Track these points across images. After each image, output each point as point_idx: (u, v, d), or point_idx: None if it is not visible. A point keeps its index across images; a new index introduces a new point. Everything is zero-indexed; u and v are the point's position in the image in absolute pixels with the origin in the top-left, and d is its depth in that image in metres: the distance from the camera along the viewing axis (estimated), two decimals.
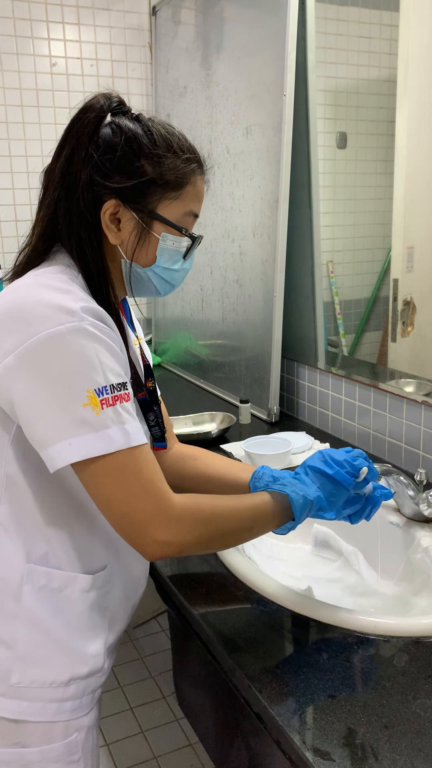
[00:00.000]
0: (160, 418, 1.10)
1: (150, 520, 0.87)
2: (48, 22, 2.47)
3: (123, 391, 0.87)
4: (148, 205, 0.95)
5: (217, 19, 2.16)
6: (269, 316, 1.96)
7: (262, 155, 1.95)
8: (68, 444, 0.83)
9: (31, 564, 0.94)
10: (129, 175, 0.93)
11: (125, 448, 0.85)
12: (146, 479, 0.87)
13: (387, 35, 1.74)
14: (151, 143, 0.94)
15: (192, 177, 0.98)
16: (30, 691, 0.95)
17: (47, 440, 0.85)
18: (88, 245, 0.94)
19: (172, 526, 0.88)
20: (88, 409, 0.83)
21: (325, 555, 1.39)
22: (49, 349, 0.83)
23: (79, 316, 0.85)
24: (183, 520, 0.89)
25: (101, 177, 0.92)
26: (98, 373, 0.84)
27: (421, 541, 1.23)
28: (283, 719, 0.83)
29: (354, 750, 0.78)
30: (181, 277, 1.04)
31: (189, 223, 1.00)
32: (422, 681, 0.89)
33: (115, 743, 2.04)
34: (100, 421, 0.84)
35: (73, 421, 0.83)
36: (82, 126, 0.93)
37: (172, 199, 0.96)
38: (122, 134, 0.93)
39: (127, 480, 0.86)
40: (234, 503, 0.96)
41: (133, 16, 2.62)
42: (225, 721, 1.12)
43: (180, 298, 2.60)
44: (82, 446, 0.83)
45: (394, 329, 1.75)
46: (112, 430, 0.85)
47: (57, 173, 0.94)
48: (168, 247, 0.98)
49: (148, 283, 1.01)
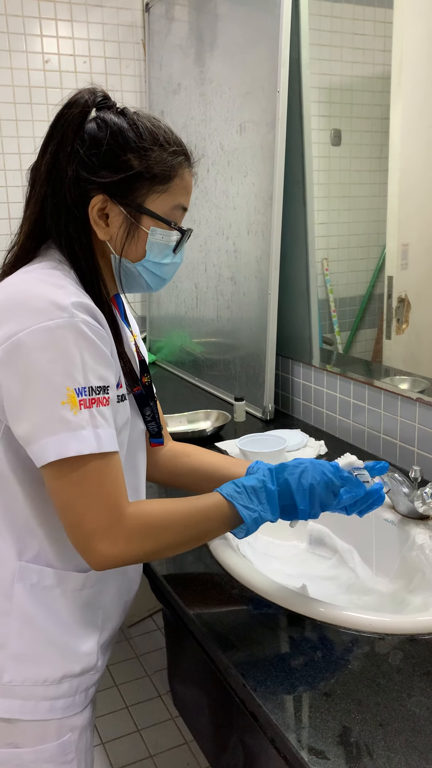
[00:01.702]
0: (157, 413, 1.09)
1: (100, 533, 0.87)
2: (40, 19, 2.45)
3: (102, 395, 0.87)
4: (136, 200, 0.94)
5: (211, 15, 2.15)
6: (264, 314, 1.96)
7: (256, 152, 1.95)
8: (45, 443, 0.84)
9: (23, 562, 0.94)
10: (116, 170, 0.92)
11: (96, 452, 0.85)
12: (105, 491, 0.87)
13: (381, 32, 1.74)
14: (137, 137, 0.93)
15: (179, 170, 0.96)
16: (22, 690, 0.95)
17: (29, 437, 0.85)
18: (77, 242, 0.93)
19: (120, 543, 0.88)
20: (67, 408, 0.83)
21: (320, 552, 1.38)
22: (37, 344, 0.83)
23: (70, 312, 0.84)
24: (132, 536, 0.89)
25: (88, 172, 0.92)
26: (80, 373, 0.84)
27: (416, 538, 1.23)
28: (277, 718, 0.83)
29: (349, 748, 0.77)
30: (172, 271, 1.03)
31: (178, 217, 0.99)
32: (417, 678, 0.89)
33: (110, 742, 2.04)
34: (76, 421, 0.84)
35: (52, 418, 0.83)
36: (66, 122, 0.92)
37: (159, 193, 0.95)
38: (107, 128, 0.92)
39: (86, 488, 0.86)
40: (188, 510, 0.96)
41: (126, 12, 2.61)
42: (220, 719, 1.12)
43: (174, 296, 2.60)
44: (57, 445, 0.84)
45: (389, 326, 1.74)
46: (86, 432, 0.85)
47: (43, 170, 0.93)
48: (157, 241, 0.97)
49: (139, 278, 1.00)
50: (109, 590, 1.04)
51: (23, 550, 0.94)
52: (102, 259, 0.97)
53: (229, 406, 2.09)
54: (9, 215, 2.52)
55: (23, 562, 0.94)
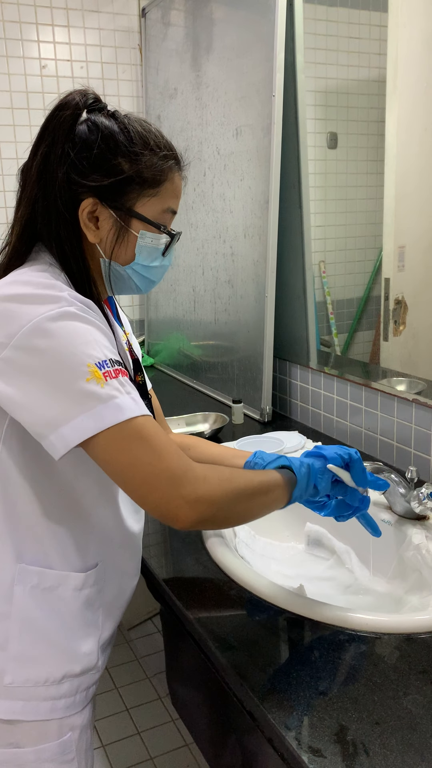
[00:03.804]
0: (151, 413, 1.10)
1: (178, 478, 0.85)
2: (38, 25, 2.47)
3: (121, 367, 0.87)
4: (126, 203, 0.95)
5: (206, 20, 2.16)
6: (261, 317, 1.96)
7: (252, 156, 1.96)
8: (79, 421, 0.82)
9: (23, 564, 0.94)
10: (106, 174, 0.92)
11: (138, 415, 0.85)
12: (165, 440, 0.86)
13: (376, 35, 1.75)
14: (127, 141, 0.93)
15: (169, 174, 0.97)
16: (23, 691, 0.95)
17: (54, 424, 0.82)
18: (67, 244, 0.94)
19: (200, 483, 0.86)
20: (93, 383, 0.82)
21: (317, 553, 1.39)
22: (41, 336, 0.82)
23: (67, 300, 0.85)
24: (208, 477, 0.88)
25: (78, 175, 0.92)
26: (95, 349, 0.84)
27: (413, 538, 1.23)
28: (275, 717, 0.83)
29: (345, 746, 0.78)
30: (161, 274, 1.03)
31: (167, 220, 0.99)
32: (413, 677, 0.89)
33: (111, 744, 2.04)
34: (106, 392, 0.83)
35: (80, 397, 0.82)
36: (57, 123, 0.92)
37: (149, 197, 0.95)
38: (98, 132, 0.92)
39: (148, 441, 0.84)
40: (244, 471, 1.00)
41: (123, 17, 2.62)
42: (219, 719, 1.12)
43: (172, 299, 2.60)
44: (93, 420, 0.82)
45: (386, 328, 1.75)
46: (121, 399, 0.84)
47: (34, 172, 0.94)
48: (147, 244, 0.97)
49: (128, 280, 1.00)
50: (109, 589, 1.05)
51: (23, 552, 0.95)
52: (92, 262, 0.98)
53: (227, 409, 2.10)
54: (7, 219, 2.53)
55: (23, 564, 0.94)
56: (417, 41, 1.61)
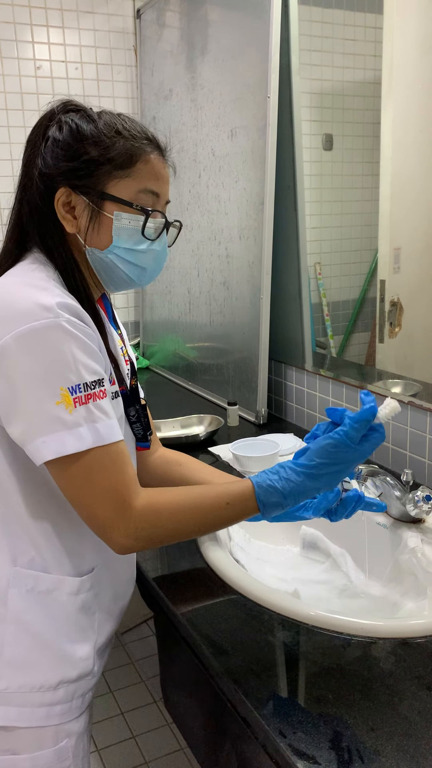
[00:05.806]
0: (143, 417, 1.09)
1: (111, 525, 0.89)
2: (32, 25, 2.46)
3: (97, 389, 0.88)
4: (97, 186, 0.95)
5: (202, 22, 2.16)
6: (256, 319, 1.96)
7: (247, 158, 1.95)
8: (42, 442, 0.85)
9: (18, 567, 0.94)
10: (73, 158, 0.94)
11: (96, 446, 0.86)
12: (111, 483, 0.88)
13: (371, 37, 1.75)
14: (94, 129, 0.95)
15: (143, 155, 0.96)
16: (18, 697, 0.94)
17: (25, 437, 0.86)
18: (51, 238, 0.95)
19: (131, 533, 0.90)
20: (61, 407, 0.84)
21: (313, 557, 1.38)
22: (25, 346, 0.83)
23: (55, 312, 0.85)
24: (141, 528, 0.90)
25: (49, 168, 0.94)
26: (72, 371, 0.85)
27: (408, 541, 1.23)
28: (269, 723, 0.82)
29: (340, 753, 0.77)
30: (151, 259, 1.01)
31: (147, 202, 0.98)
32: (409, 682, 0.88)
33: (106, 749, 2.03)
34: (72, 419, 0.85)
35: (47, 419, 0.84)
36: (36, 128, 0.97)
37: (121, 177, 0.95)
38: (68, 126, 0.95)
39: (92, 482, 0.87)
40: (201, 495, 0.96)
41: (118, 19, 2.62)
42: (213, 725, 1.11)
43: (168, 301, 2.60)
44: (55, 444, 0.85)
45: (382, 330, 1.75)
46: (84, 429, 0.86)
47: (20, 176, 0.98)
48: (124, 225, 0.96)
49: (115, 268, 0.99)
50: (105, 594, 1.04)
51: (18, 556, 0.94)
52: (80, 256, 0.98)
53: (222, 411, 2.09)
54: (2, 221, 2.52)
55: (18, 568, 0.94)
56: (412, 43, 1.61)
